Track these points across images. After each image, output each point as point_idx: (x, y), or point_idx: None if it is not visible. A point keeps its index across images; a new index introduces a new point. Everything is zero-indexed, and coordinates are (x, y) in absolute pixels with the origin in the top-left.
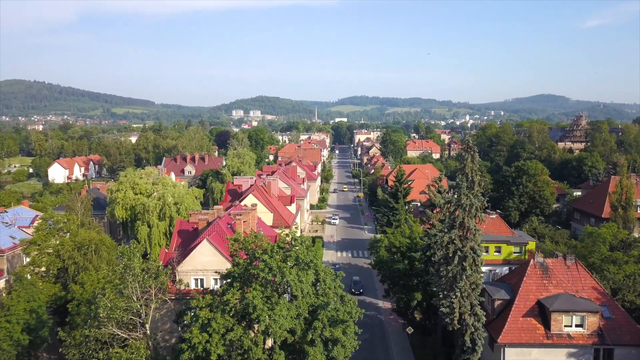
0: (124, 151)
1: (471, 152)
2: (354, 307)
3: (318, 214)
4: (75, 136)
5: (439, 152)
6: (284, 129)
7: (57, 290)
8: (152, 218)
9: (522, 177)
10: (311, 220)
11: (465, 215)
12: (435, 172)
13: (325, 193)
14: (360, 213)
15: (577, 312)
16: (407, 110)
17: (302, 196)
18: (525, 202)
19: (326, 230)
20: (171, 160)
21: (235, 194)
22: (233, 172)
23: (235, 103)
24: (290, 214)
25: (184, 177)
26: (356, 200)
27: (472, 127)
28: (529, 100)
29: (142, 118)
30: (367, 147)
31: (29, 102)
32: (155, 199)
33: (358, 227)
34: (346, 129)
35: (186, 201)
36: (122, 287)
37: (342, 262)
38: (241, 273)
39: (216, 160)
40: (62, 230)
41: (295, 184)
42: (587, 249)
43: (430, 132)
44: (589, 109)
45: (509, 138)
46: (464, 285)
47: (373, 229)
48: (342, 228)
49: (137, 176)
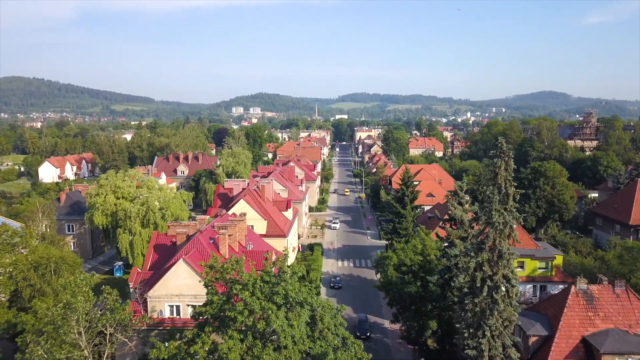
0: (117, 149)
1: (504, 157)
2: (360, 352)
3: (317, 217)
4: (71, 134)
5: (442, 150)
6: (283, 126)
7: (11, 316)
8: (134, 225)
9: (539, 180)
10: (310, 224)
11: (497, 235)
12: (442, 172)
13: (325, 194)
14: (363, 216)
15: (634, 354)
16: (408, 107)
17: (300, 199)
18: (542, 207)
19: (326, 236)
20: (163, 159)
21: (226, 198)
22: (227, 173)
23: (235, 100)
24: (286, 220)
25: (177, 177)
26: (357, 202)
27: (474, 124)
28: (530, 97)
29: (142, 115)
30: (369, 145)
31: (28, 99)
32: (138, 203)
33: (360, 232)
34: (347, 126)
35: (172, 206)
36: (63, 332)
37: (344, 272)
38: (215, 314)
39: (210, 160)
40: (17, 246)
41: (292, 185)
42: (627, 267)
43: (433, 130)
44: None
45: (517, 136)
46: (495, 323)
47: (376, 234)
48: (343, 233)
49: (119, 179)
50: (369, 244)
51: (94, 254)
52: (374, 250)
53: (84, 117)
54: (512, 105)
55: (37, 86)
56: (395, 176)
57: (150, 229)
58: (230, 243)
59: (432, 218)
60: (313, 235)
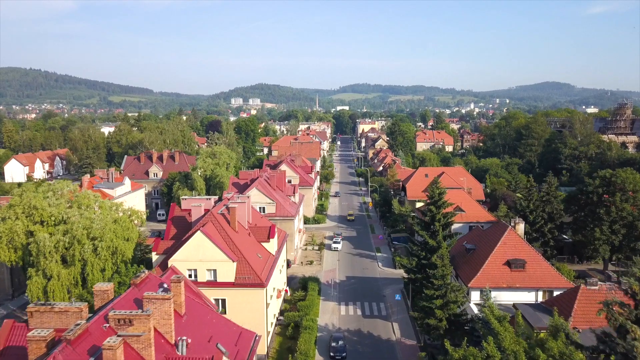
0: (92, 145)
1: None
2: None
3: (315, 232)
4: (56, 126)
5: (451, 144)
6: (282, 118)
7: None
8: (50, 264)
9: (615, 194)
10: (305, 244)
11: None
12: (466, 176)
13: (325, 199)
14: (370, 230)
15: None
16: (410, 98)
17: (292, 215)
18: (620, 232)
19: (325, 261)
20: (134, 159)
21: (184, 224)
22: (206, 177)
23: (234, 91)
24: (267, 257)
25: (148, 180)
26: (363, 208)
27: (479, 116)
28: (534, 88)
29: (139, 107)
30: (373, 139)
31: (24, 90)
32: (60, 233)
33: (369, 256)
34: (348, 117)
35: (110, 235)
36: None
37: (349, 327)
38: None
39: (190, 160)
40: None
41: (282, 196)
42: None
43: (441, 122)
44: (596, 96)
45: (542, 130)
46: None
47: (389, 259)
48: (346, 256)
49: (39, 195)
50: (380, 275)
51: (14, 294)
52: (388, 286)
53: (80, 108)
54: (516, 97)
55: (33, 77)
56: (412, 182)
57: (77, 268)
58: (141, 350)
59: (472, 251)
60: (308, 262)
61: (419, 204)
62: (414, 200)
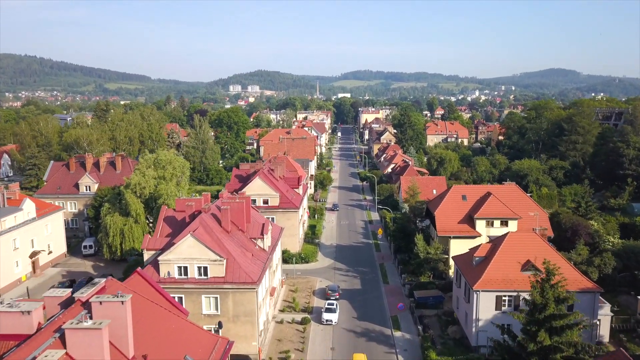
0: (42, 141)
1: None
2: None
3: (298, 282)
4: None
5: (466, 137)
6: (279, 106)
7: None
8: None
9: None
10: (280, 309)
11: None
12: (527, 201)
13: (319, 217)
14: (382, 279)
15: None
16: (413, 85)
17: (253, 283)
18: None
19: (310, 350)
20: (62, 166)
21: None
22: (147, 198)
23: (233, 78)
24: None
25: (78, 197)
26: (369, 235)
27: (487, 104)
28: (539, 74)
29: (136, 94)
30: (378, 132)
31: (18, 77)
32: None
33: (381, 337)
34: (350, 106)
35: None
36: None
37: None
38: None
39: (133, 165)
40: None
41: (241, 243)
42: None
43: (453, 112)
44: (603, 83)
45: (588, 124)
46: None
47: (415, 343)
48: (344, 337)
49: None
50: None
51: None
52: None
53: (75, 95)
54: (521, 84)
55: (27, 64)
56: (443, 208)
57: None
58: None
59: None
60: (283, 352)
61: (455, 245)
62: (446, 236)
